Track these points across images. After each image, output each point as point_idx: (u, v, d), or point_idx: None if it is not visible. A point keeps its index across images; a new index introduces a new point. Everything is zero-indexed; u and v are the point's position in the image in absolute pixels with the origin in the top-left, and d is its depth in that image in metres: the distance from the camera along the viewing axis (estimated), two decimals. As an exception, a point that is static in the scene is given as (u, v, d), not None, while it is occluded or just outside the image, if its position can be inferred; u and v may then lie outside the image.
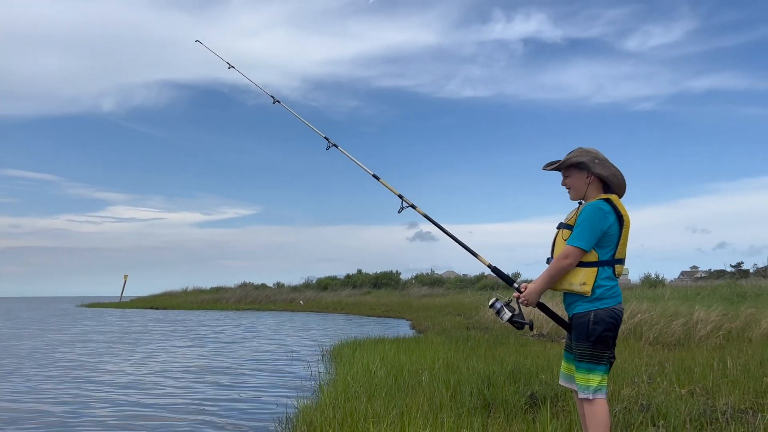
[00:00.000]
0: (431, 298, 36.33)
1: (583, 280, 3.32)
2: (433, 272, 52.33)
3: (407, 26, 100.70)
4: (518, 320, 3.51)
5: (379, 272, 50.55)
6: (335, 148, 5.14)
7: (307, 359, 11.21)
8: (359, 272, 51.93)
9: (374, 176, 4.66)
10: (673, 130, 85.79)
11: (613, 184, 3.49)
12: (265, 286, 52.20)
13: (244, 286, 51.18)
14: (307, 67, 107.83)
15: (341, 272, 53.81)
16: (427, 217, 4.20)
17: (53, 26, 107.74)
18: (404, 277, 50.59)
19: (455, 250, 3.94)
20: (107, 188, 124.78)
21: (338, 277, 51.98)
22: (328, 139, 5.23)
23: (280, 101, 6.05)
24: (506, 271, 3.84)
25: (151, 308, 41.99)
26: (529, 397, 5.34)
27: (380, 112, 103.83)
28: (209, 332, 19.42)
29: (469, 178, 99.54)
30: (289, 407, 6.20)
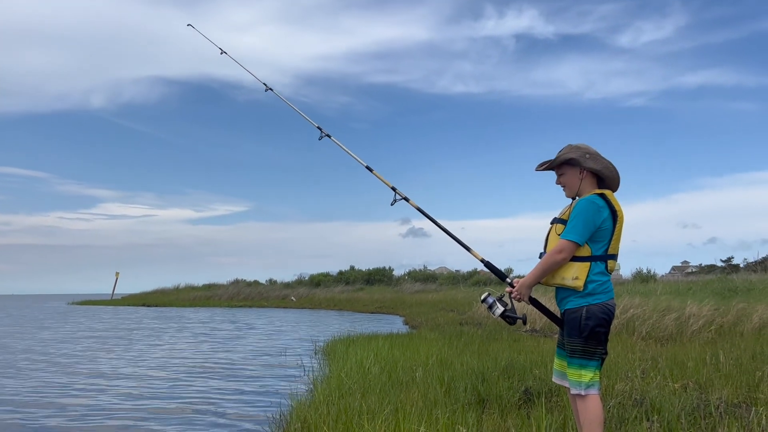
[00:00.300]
0: (424, 294, 36.39)
1: (575, 274, 3.31)
2: (425, 268, 52.51)
3: (399, 22, 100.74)
4: (510, 315, 3.50)
5: (371, 268, 50.68)
6: (328, 138, 5.11)
7: (300, 356, 11.18)
8: (352, 269, 51.98)
9: (367, 168, 4.62)
10: (664, 125, 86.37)
11: (606, 177, 3.48)
12: (257, 283, 52.13)
13: (236, 283, 51.10)
14: (298, 62, 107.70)
15: (334, 269, 53.83)
16: (419, 209, 4.17)
17: (42, 22, 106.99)
18: (397, 273, 50.80)
19: (448, 246, 3.93)
20: (98, 185, 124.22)
21: (331, 273, 52.03)
22: (321, 128, 5.18)
23: (272, 89, 6.05)
24: (498, 266, 3.83)
25: (143, 305, 41.86)
26: (523, 392, 5.34)
27: (372, 108, 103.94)
28: (201, 330, 19.36)
29: (460, 173, 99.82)
30: (282, 404, 6.18)
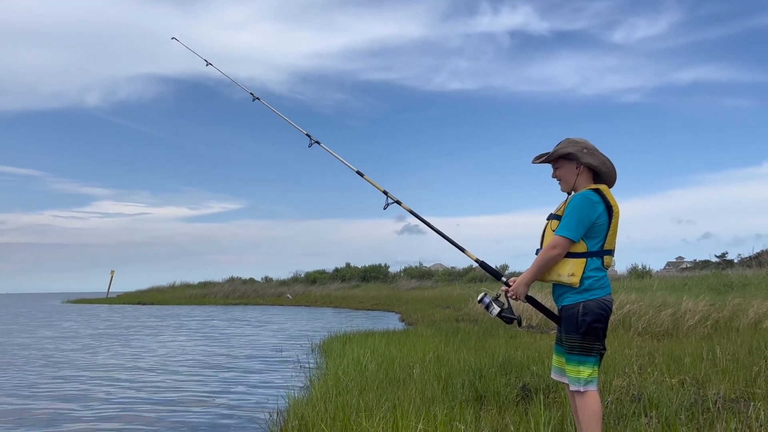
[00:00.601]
0: (420, 290, 36.39)
1: (571, 271, 3.29)
2: (421, 265, 52.46)
3: (394, 19, 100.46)
4: (507, 315, 3.49)
5: (367, 265, 50.59)
6: (318, 145, 5.06)
7: (297, 353, 11.16)
8: (348, 266, 51.93)
9: (358, 173, 4.58)
10: (658, 121, 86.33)
11: (603, 173, 3.47)
12: (253, 280, 52.07)
13: (232, 280, 51.02)
14: (293, 60, 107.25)
15: (330, 266, 53.70)
16: (412, 212, 4.15)
17: (37, 21, 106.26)
18: (393, 270, 50.71)
19: (443, 243, 3.91)
20: (92, 183, 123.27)
21: (327, 270, 51.94)
22: (309, 135, 5.12)
23: (259, 98, 5.87)
24: (494, 263, 3.84)
25: (138, 303, 41.75)
26: (521, 389, 5.34)
27: (367, 105, 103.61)
28: (197, 327, 19.31)
29: (456, 170, 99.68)
30: (280, 402, 6.16)
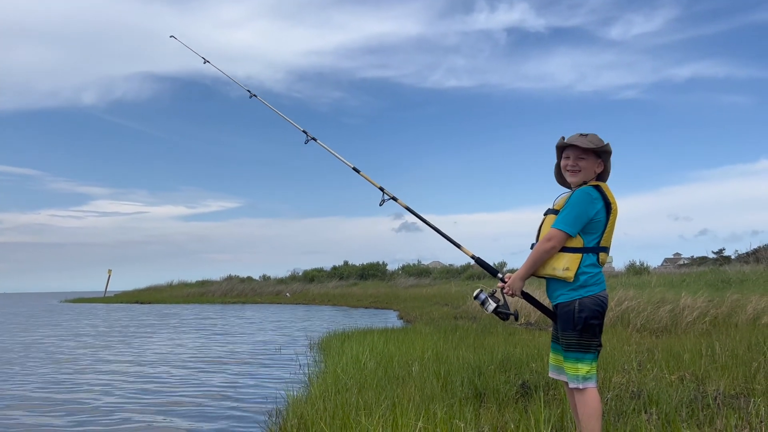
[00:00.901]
0: (418, 288, 36.41)
1: (566, 265, 3.28)
2: (419, 263, 52.53)
3: (391, 16, 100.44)
4: (503, 311, 3.48)
5: (365, 263, 50.63)
6: (314, 141, 5.06)
7: (295, 352, 11.14)
8: (346, 264, 51.94)
9: (354, 169, 4.57)
10: (655, 118, 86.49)
11: (605, 174, 3.54)
12: (251, 279, 51.99)
13: (229, 279, 50.94)
14: (290, 58, 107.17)
15: (328, 264, 53.72)
16: (408, 209, 4.14)
17: (32, 19, 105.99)
18: (391, 267, 50.76)
19: (441, 240, 3.89)
20: (89, 182, 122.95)
21: (325, 269, 51.94)
22: (306, 132, 5.13)
23: (256, 95, 5.89)
24: (491, 260, 3.82)
25: (136, 303, 41.69)
26: (520, 386, 5.33)
27: (364, 103, 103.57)
28: (195, 326, 19.29)
29: (453, 167, 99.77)
30: (279, 400, 6.14)
